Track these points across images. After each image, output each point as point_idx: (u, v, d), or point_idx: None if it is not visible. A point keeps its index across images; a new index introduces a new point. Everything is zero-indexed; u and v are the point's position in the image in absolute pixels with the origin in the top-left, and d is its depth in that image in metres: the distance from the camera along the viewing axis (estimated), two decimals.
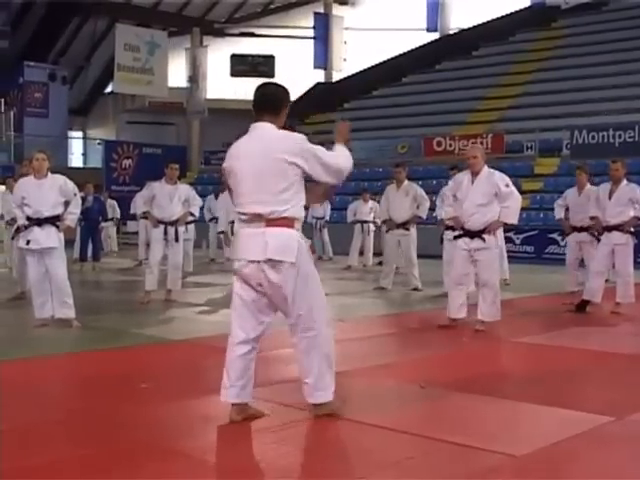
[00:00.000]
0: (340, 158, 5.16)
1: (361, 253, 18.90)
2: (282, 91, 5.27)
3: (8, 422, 5.06)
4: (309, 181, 5.11)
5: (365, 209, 18.79)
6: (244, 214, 5.06)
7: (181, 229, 11.91)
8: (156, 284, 11.66)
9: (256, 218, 4.99)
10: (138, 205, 12.09)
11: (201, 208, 12.78)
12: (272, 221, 4.95)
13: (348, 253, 18.59)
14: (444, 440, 4.72)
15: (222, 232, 14.08)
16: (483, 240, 8.80)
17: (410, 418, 5.30)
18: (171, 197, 11.66)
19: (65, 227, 9.37)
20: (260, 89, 5.22)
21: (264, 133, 5.09)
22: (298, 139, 5.04)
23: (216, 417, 5.22)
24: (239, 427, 5.01)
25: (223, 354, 5.16)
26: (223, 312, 10.82)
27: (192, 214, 12.20)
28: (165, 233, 11.58)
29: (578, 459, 4.59)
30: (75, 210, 9.50)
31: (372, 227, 18.60)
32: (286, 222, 4.98)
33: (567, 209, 11.55)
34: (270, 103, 5.16)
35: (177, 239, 11.66)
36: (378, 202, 17.38)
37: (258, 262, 4.94)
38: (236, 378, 5.07)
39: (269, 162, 4.94)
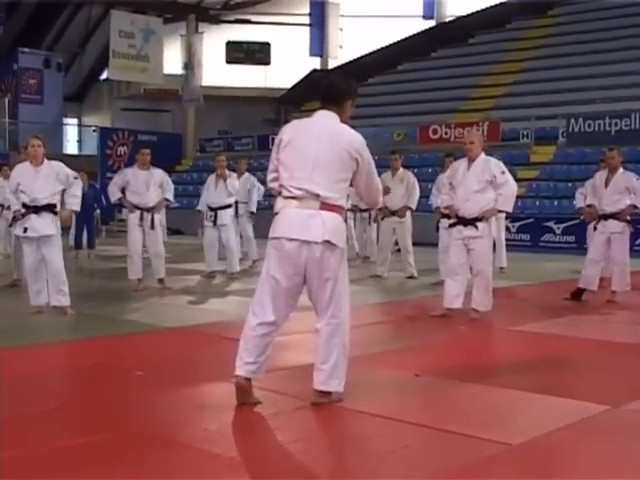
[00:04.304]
0: (379, 189, 5.49)
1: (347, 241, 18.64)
2: (348, 87, 5.46)
3: (6, 410, 5.04)
4: None
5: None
6: (299, 189, 5.04)
7: (157, 216, 11.83)
8: (141, 272, 11.61)
9: (311, 197, 5.01)
10: (111, 192, 11.95)
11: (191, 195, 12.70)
12: (327, 205, 5.02)
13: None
14: (440, 429, 4.72)
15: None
16: (476, 228, 8.80)
17: (406, 406, 5.29)
18: (147, 184, 11.56)
19: (69, 213, 9.37)
20: (327, 81, 5.44)
21: (332, 122, 5.22)
22: (362, 139, 5.21)
23: (212, 405, 5.23)
24: (235, 415, 5.01)
25: (218, 342, 5.17)
26: (217, 300, 10.87)
27: (167, 200, 12.05)
28: (141, 219, 11.52)
29: (574, 448, 4.58)
30: (77, 193, 9.44)
31: (349, 215, 17.76)
32: (338, 209, 5.10)
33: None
34: (333, 97, 5.31)
35: (153, 226, 11.58)
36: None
37: (309, 243, 4.97)
38: (257, 355, 5.10)
39: (336, 150, 5.05)
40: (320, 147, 5.05)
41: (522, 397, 5.54)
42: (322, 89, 5.37)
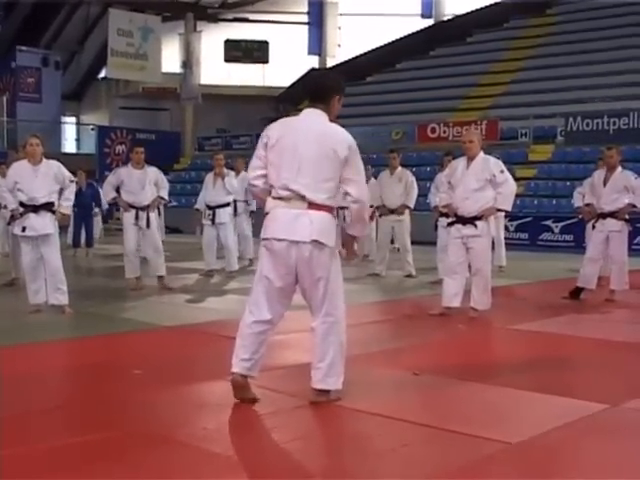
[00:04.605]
0: (366, 189, 5.32)
1: None
2: (335, 82, 5.37)
3: (6, 409, 5.04)
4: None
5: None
6: (286, 190, 5.03)
7: (153, 215, 11.77)
8: (138, 270, 11.59)
9: (298, 198, 5.00)
10: (106, 192, 11.91)
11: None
12: (315, 205, 5.00)
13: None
14: (439, 427, 4.72)
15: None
16: (475, 227, 8.79)
17: (405, 405, 5.29)
18: (142, 183, 11.49)
19: (61, 216, 9.32)
20: (313, 79, 5.40)
21: (319, 120, 5.18)
22: (350, 137, 5.15)
23: (211, 404, 5.22)
24: (234, 414, 5.00)
25: (216, 340, 5.17)
26: (215, 299, 10.86)
27: (162, 198, 11.97)
28: (136, 218, 11.46)
29: (573, 447, 4.58)
30: (70, 197, 9.44)
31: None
32: (327, 208, 5.07)
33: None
34: (319, 93, 5.26)
35: (148, 225, 11.51)
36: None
37: (297, 243, 4.96)
38: (252, 352, 5.13)
39: (323, 149, 5.01)
40: (307, 146, 5.02)
41: (521, 396, 5.54)
42: (309, 86, 5.35)
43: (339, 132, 5.15)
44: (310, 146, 5.02)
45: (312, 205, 4.99)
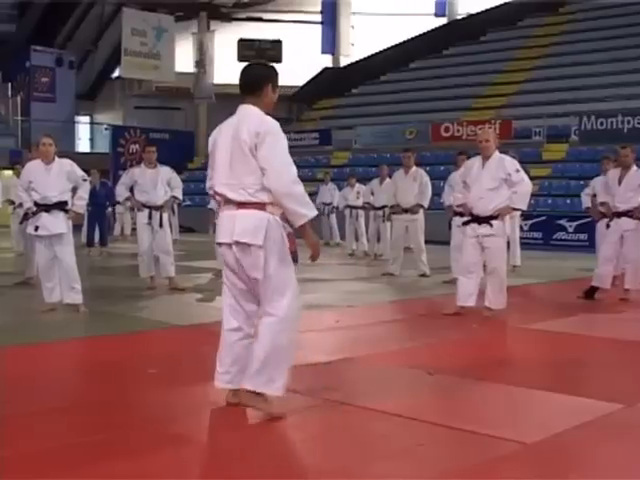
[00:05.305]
0: (293, 178, 4.80)
1: (356, 238, 18.81)
2: (264, 71, 5.12)
3: (14, 407, 5.06)
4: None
5: (352, 194, 18.64)
6: (218, 195, 5.00)
7: (166, 215, 11.73)
8: (152, 269, 11.59)
9: (226, 200, 4.91)
10: (119, 192, 11.89)
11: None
12: (242, 204, 4.83)
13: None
14: (454, 427, 4.70)
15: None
16: (491, 226, 8.77)
17: (419, 405, 5.27)
18: (154, 182, 11.46)
19: (74, 215, 9.34)
20: (243, 70, 5.07)
21: (241, 115, 4.96)
22: (264, 122, 4.85)
23: (223, 403, 5.21)
24: (247, 413, 4.98)
25: None
26: None
27: (176, 197, 11.94)
28: (149, 217, 11.44)
29: (588, 447, 4.56)
30: (84, 196, 9.46)
31: (361, 212, 18.41)
32: (257, 205, 4.82)
33: (595, 196, 11.57)
34: (249, 84, 5.02)
35: (161, 224, 11.49)
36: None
37: (230, 245, 4.86)
38: (229, 364, 5.04)
39: (235, 145, 4.83)
40: (225, 147, 4.91)
41: (536, 396, 5.52)
42: (239, 80, 5.04)
43: (250, 119, 4.86)
44: (226, 144, 4.90)
45: (240, 205, 4.83)
